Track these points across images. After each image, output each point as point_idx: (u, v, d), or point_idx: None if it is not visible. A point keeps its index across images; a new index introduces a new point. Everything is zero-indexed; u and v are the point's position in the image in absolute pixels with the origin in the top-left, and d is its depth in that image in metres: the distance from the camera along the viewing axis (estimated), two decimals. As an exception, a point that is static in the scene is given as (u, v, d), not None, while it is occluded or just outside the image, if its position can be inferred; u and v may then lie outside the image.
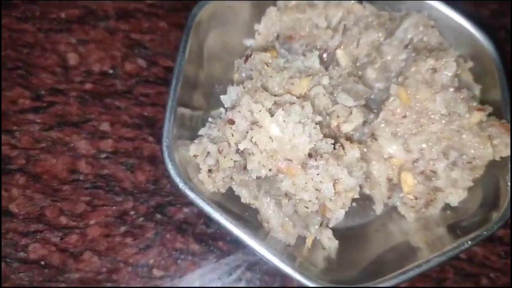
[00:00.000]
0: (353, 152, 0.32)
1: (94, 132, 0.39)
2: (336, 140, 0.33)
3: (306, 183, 0.31)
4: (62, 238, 0.36)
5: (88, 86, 0.40)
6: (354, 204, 0.37)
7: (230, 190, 0.35)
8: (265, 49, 0.37)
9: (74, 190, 0.38)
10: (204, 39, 0.37)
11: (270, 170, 0.31)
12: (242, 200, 0.35)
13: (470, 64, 0.37)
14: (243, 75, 0.36)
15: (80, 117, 0.40)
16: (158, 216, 0.38)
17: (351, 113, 0.34)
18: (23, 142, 0.38)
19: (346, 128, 0.34)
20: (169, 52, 0.42)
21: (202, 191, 0.33)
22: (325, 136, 0.33)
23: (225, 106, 0.34)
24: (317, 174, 0.31)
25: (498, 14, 0.48)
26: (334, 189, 0.31)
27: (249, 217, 0.35)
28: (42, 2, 0.43)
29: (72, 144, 0.39)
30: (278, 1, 0.38)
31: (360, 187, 0.33)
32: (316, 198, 0.31)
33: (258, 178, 0.32)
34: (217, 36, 0.38)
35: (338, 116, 0.34)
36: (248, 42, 0.39)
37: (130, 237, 0.37)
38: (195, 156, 0.35)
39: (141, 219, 0.37)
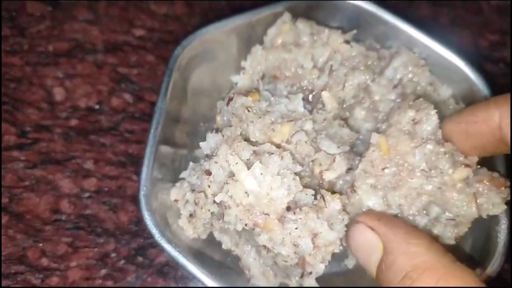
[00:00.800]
0: (334, 204, 0.31)
1: (78, 170, 0.39)
2: (317, 189, 0.32)
3: (283, 238, 0.30)
4: (43, 280, 0.36)
5: (73, 122, 0.40)
6: (341, 247, 0.35)
7: (211, 235, 0.35)
8: (248, 91, 0.36)
9: (56, 230, 0.37)
10: (189, 76, 0.36)
11: (246, 224, 0.30)
12: (223, 247, 0.35)
13: (462, 105, 0.36)
14: (225, 118, 0.35)
15: (65, 154, 0.39)
16: (140, 258, 0.37)
17: (334, 160, 0.33)
18: (7, 180, 0.38)
19: (329, 176, 0.33)
20: (156, 87, 0.42)
21: (181, 239, 0.33)
22: (307, 184, 0.32)
23: (205, 153, 0.33)
24: (296, 229, 0.30)
25: (497, 46, 0.46)
26: (314, 244, 0.30)
27: (230, 263, 0.35)
28: (31, 35, 0.42)
29: (55, 183, 0.38)
30: (265, 39, 0.37)
31: (341, 240, 0.32)
32: (294, 253, 0.31)
33: (237, 230, 0.32)
34: (203, 72, 0.37)
35: (320, 164, 0.33)
36: (235, 78, 0.38)
37: (111, 280, 0.36)
38: (176, 200, 0.34)
39: (122, 261, 0.37)
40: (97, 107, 0.41)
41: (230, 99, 0.34)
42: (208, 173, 0.31)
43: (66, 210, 0.38)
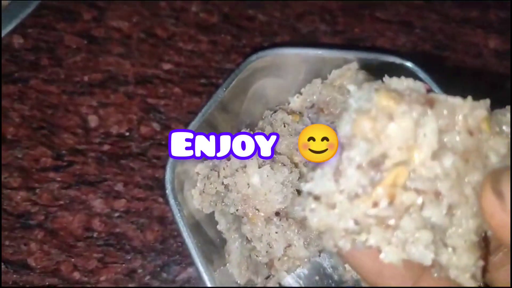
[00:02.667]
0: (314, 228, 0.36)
1: (109, 191, 0.43)
2: None
3: (262, 235, 0.35)
4: (74, 292, 0.40)
5: (105, 147, 0.44)
6: (317, 278, 0.40)
7: (213, 214, 0.40)
8: (293, 112, 0.40)
9: (87, 247, 0.41)
10: (254, 82, 0.41)
11: (237, 210, 0.36)
12: (218, 227, 0.39)
13: None
14: (264, 125, 0.39)
15: (97, 176, 0.43)
16: (164, 275, 0.41)
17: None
18: (43, 199, 0.42)
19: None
20: (181, 117, 0.46)
21: (187, 205, 0.38)
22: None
23: None
24: (275, 232, 0.35)
25: (495, 87, 0.51)
26: (285, 252, 0.35)
27: (218, 244, 0.39)
28: (68, 66, 0.47)
29: (88, 203, 0.42)
30: (329, 76, 0.41)
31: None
32: (267, 252, 0.35)
33: (232, 213, 0.37)
34: (268, 84, 0.41)
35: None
36: (292, 99, 0.42)
37: (137, 294, 0.40)
38: (198, 173, 0.39)
39: (148, 277, 0.41)
40: (127, 134, 0.45)
41: (275, 111, 0.40)
42: (228, 158, 0.36)
43: (97, 228, 0.42)
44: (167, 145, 0.45)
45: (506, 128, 0.22)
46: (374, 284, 0.23)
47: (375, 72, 0.41)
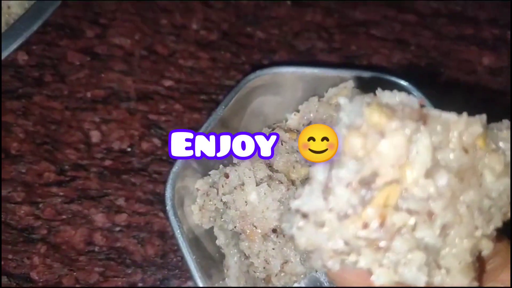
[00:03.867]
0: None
1: (110, 206, 0.44)
2: None
3: (260, 251, 0.36)
4: (76, 306, 0.41)
5: (107, 162, 0.45)
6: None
7: (212, 230, 0.41)
8: (291, 130, 0.42)
9: (89, 260, 0.42)
10: (252, 99, 0.42)
11: (235, 227, 0.37)
12: (217, 242, 0.40)
13: None
14: None
15: (99, 191, 0.44)
16: (164, 288, 0.42)
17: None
18: (46, 214, 0.43)
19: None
20: (182, 133, 0.47)
21: (187, 220, 0.39)
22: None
23: (234, 161, 0.39)
24: (273, 249, 0.36)
25: (489, 103, 0.52)
26: (282, 268, 0.36)
27: (217, 259, 0.40)
28: (71, 82, 0.48)
29: (90, 217, 0.43)
30: (325, 94, 0.42)
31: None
32: (264, 267, 0.36)
33: (231, 230, 0.38)
34: (266, 101, 0.43)
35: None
36: (289, 116, 0.43)
37: (138, 308, 0.41)
38: (197, 189, 0.40)
39: (149, 291, 0.42)
40: (129, 149, 0.46)
41: (273, 129, 0.42)
42: (227, 176, 0.38)
43: (99, 242, 0.43)
44: (168, 161, 0.46)
45: (502, 145, 0.22)
46: None
47: (371, 90, 0.43)
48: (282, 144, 0.40)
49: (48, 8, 0.46)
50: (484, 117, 0.21)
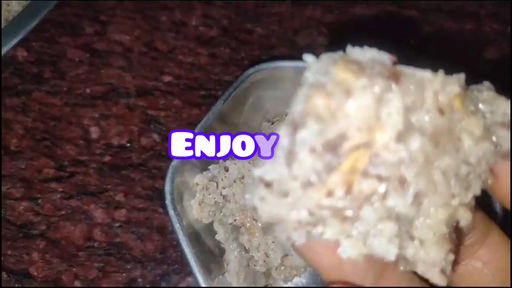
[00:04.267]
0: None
1: (110, 202, 0.44)
2: None
3: (259, 244, 0.36)
4: (75, 301, 0.40)
5: (107, 158, 0.45)
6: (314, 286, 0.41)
7: (211, 225, 0.40)
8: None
9: (88, 256, 0.42)
10: (251, 94, 0.42)
11: (235, 220, 0.37)
12: (216, 237, 0.40)
13: None
14: None
15: (98, 187, 0.44)
16: (163, 284, 0.42)
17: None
18: (45, 209, 0.43)
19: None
20: (181, 128, 0.47)
21: (186, 215, 0.39)
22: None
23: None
24: (272, 242, 0.36)
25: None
26: (282, 261, 0.36)
27: (217, 253, 0.40)
28: (70, 79, 0.48)
29: (89, 213, 0.43)
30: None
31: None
32: (264, 261, 0.36)
33: (230, 223, 0.38)
34: (266, 96, 0.43)
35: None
36: (289, 110, 0.43)
37: (137, 303, 0.41)
38: (197, 184, 0.40)
39: (148, 286, 0.41)
40: (128, 145, 0.46)
41: (272, 123, 0.42)
42: (226, 169, 0.38)
43: (98, 238, 0.42)
44: (167, 156, 0.46)
45: (482, 107, 0.20)
46: (332, 279, 0.21)
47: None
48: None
49: (47, 5, 0.46)
50: (462, 76, 0.19)
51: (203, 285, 0.36)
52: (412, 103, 0.18)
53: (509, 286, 0.23)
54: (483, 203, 0.26)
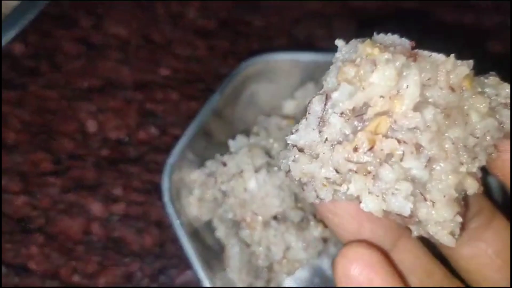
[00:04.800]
0: (314, 230, 0.36)
1: (107, 195, 0.44)
2: (307, 214, 0.37)
3: (261, 239, 0.36)
4: (73, 295, 0.41)
5: (104, 152, 0.45)
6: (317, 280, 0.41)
7: (210, 222, 0.41)
8: (287, 116, 0.42)
9: (87, 250, 0.42)
10: (247, 87, 0.42)
11: (235, 215, 0.37)
12: (216, 234, 0.40)
13: None
14: (260, 130, 0.41)
15: (96, 181, 0.44)
16: (162, 277, 0.42)
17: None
18: (43, 203, 0.43)
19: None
20: (179, 122, 0.47)
21: (185, 212, 0.39)
22: (302, 206, 0.38)
23: (231, 150, 0.39)
24: (274, 236, 0.36)
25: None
26: (284, 255, 0.36)
27: (217, 250, 0.40)
28: (67, 72, 0.48)
29: (87, 207, 0.43)
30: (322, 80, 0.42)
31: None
32: (266, 255, 0.36)
33: (230, 219, 0.37)
34: (262, 89, 0.43)
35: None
36: (286, 103, 0.43)
37: (136, 297, 0.41)
38: (194, 181, 0.40)
39: (146, 280, 0.42)
40: (125, 139, 0.46)
41: (269, 116, 0.42)
42: (224, 164, 0.38)
43: (97, 232, 0.43)
44: (165, 150, 0.46)
45: (488, 90, 0.23)
46: None
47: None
48: (279, 131, 0.40)
49: (44, -2, 0.46)
50: (471, 62, 0.22)
51: (206, 282, 0.36)
52: (428, 80, 0.21)
53: (510, 264, 0.25)
54: (488, 194, 0.28)
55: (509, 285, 0.25)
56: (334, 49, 0.52)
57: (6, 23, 0.46)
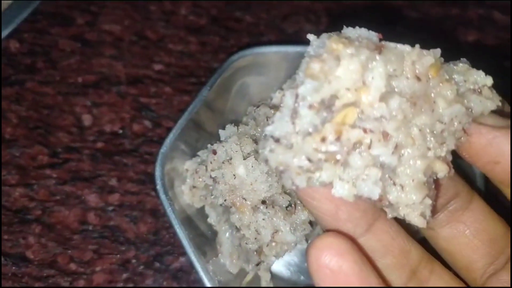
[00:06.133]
0: (302, 215, 0.38)
1: (103, 186, 0.45)
2: (295, 199, 0.39)
3: (250, 222, 0.38)
4: (71, 283, 0.42)
5: (99, 144, 0.47)
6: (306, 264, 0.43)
7: (203, 209, 0.42)
8: (275, 106, 0.43)
9: (83, 239, 0.44)
10: (237, 80, 0.44)
11: (225, 200, 0.38)
12: (208, 220, 0.42)
13: None
14: (248, 120, 0.42)
15: (92, 172, 0.46)
16: (157, 264, 0.43)
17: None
18: (40, 195, 0.45)
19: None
20: (172, 115, 0.49)
21: (178, 200, 0.41)
22: (290, 191, 0.39)
23: (221, 139, 0.41)
24: (262, 219, 0.38)
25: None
26: (273, 238, 0.38)
27: (210, 236, 0.42)
28: (62, 68, 0.50)
29: (83, 198, 0.45)
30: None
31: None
32: (255, 238, 0.38)
33: (221, 205, 0.39)
34: (251, 81, 0.44)
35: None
36: (274, 95, 0.45)
37: (131, 283, 0.43)
38: (187, 170, 0.42)
39: (142, 267, 0.43)
40: (120, 131, 0.48)
41: (258, 106, 0.43)
42: (214, 152, 0.39)
43: (93, 221, 0.44)
44: (159, 142, 0.48)
45: (456, 77, 0.24)
46: (330, 227, 0.25)
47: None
48: (267, 120, 0.41)
49: (38, -4, 0.48)
50: (437, 51, 0.23)
51: (199, 267, 0.38)
52: (394, 71, 0.22)
53: (487, 244, 0.27)
54: (468, 180, 0.29)
55: (484, 263, 0.27)
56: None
57: (1, 21, 0.48)
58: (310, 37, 0.24)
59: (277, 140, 0.22)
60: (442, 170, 0.23)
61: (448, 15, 0.56)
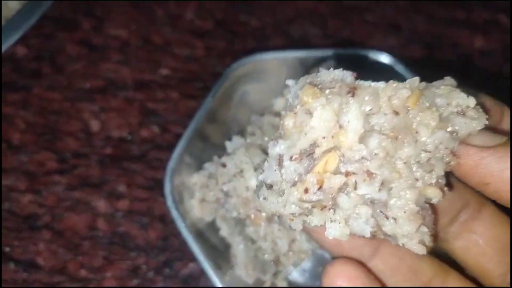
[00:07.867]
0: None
1: (112, 192, 0.46)
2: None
3: (266, 234, 0.38)
4: (81, 289, 0.43)
5: (108, 150, 0.48)
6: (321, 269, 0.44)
7: (214, 222, 0.43)
8: (279, 114, 0.44)
9: (93, 245, 0.44)
10: (238, 88, 0.44)
11: (239, 213, 0.39)
12: (220, 233, 0.43)
13: None
14: (253, 130, 0.43)
15: (100, 178, 0.47)
16: (167, 270, 0.44)
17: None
18: (49, 201, 0.46)
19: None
20: (180, 120, 0.49)
21: (189, 215, 0.41)
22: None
23: (228, 151, 0.41)
24: (278, 230, 0.38)
25: (480, 83, 0.54)
26: (290, 247, 0.39)
27: (223, 249, 0.42)
28: (69, 74, 0.50)
29: (92, 204, 0.46)
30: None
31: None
32: (272, 249, 0.38)
33: (234, 218, 0.40)
34: (252, 89, 0.45)
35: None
36: (276, 101, 0.46)
37: (142, 289, 0.43)
38: (195, 183, 0.42)
39: (152, 273, 0.44)
40: (128, 137, 0.48)
41: (262, 115, 0.44)
42: (224, 165, 0.40)
43: (102, 228, 0.45)
44: (167, 147, 0.48)
45: (439, 101, 0.24)
46: (338, 255, 0.26)
47: (354, 68, 0.45)
48: (273, 128, 0.42)
49: (45, 3, 0.48)
50: (414, 80, 0.23)
51: (215, 278, 0.38)
52: (370, 109, 0.23)
53: (501, 253, 0.27)
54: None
55: (500, 271, 0.27)
56: (323, 46, 0.55)
57: (8, 27, 0.49)
58: (289, 82, 0.24)
59: (269, 187, 0.23)
60: (435, 195, 0.24)
61: (454, 18, 0.57)
